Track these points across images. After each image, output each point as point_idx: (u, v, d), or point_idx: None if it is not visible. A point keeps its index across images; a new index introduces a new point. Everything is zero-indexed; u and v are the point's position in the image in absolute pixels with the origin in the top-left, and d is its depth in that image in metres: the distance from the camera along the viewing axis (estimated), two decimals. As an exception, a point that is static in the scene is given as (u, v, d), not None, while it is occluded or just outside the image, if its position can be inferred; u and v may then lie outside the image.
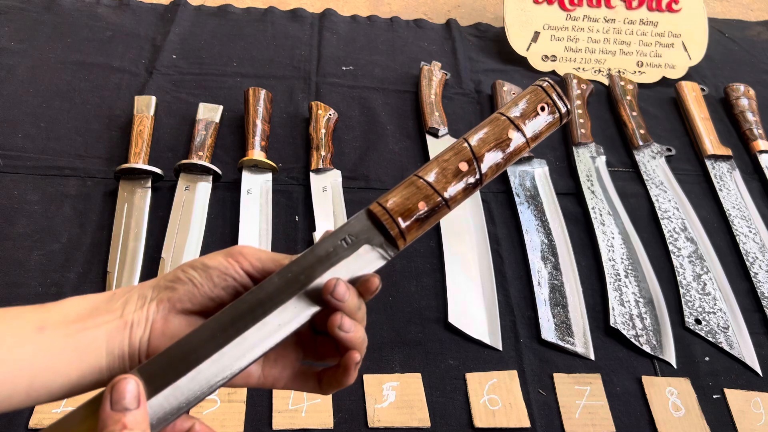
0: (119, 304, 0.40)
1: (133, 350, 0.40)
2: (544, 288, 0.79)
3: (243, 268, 0.42)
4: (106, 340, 0.39)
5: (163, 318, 0.40)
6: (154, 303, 0.40)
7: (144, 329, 0.40)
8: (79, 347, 0.38)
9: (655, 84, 1.16)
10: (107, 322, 0.39)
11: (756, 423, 0.69)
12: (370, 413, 0.65)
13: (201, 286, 0.41)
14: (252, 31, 1.17)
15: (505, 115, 0.43)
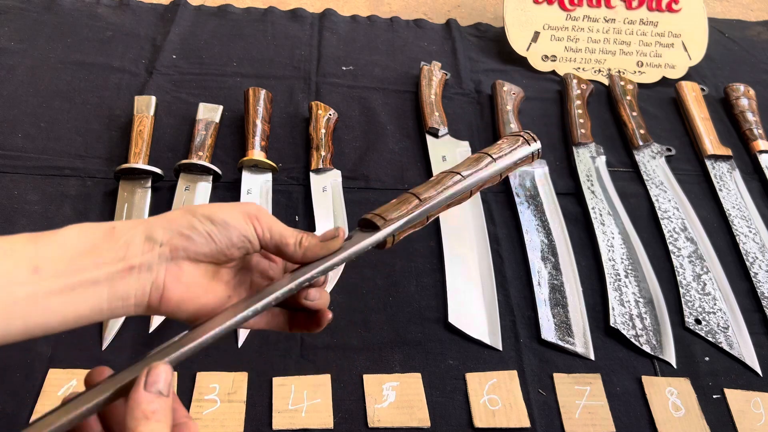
0: (122, 243, 0.38)
1: (142, 294, 0.39)
2: (544, 288, 0.79)
3: (257, 233, 0.42)
4: (108, 285, 0.38)
5: (176, 266, 0.40)
6: (166, 249, 0.39)
7: (155, 274, 0.39)
8: (77, 291, 0.37)
9: (655, 84, 1.16)
10: (108, 264, 0.38)
11: (756, 423, 0.69)
12: (370, 413, 0.65)
13: (219, 242, 0.41)
14: (252, 31, 1.17)
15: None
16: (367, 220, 0.49)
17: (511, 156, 0.57)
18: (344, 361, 0.70)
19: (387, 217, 0.49)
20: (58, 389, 0.64)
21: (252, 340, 0.71)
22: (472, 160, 0.57)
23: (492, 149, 0.57)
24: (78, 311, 0.37)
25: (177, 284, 0.40)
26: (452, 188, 0.53)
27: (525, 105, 1.07)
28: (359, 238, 0.48)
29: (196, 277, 0.41)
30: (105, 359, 0.68)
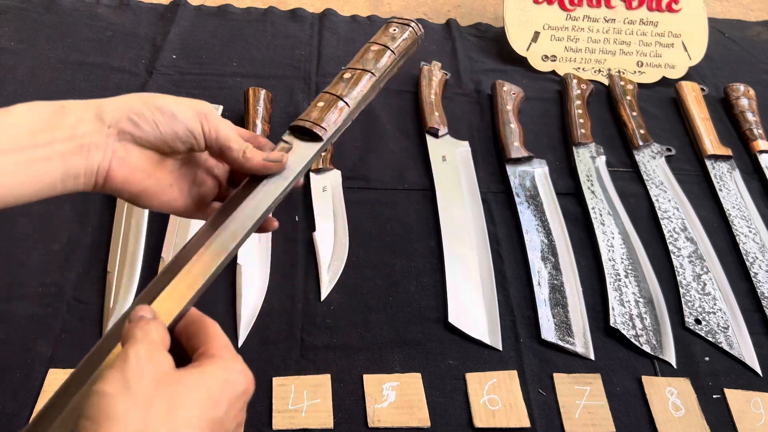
0: (72, 121, 0.40)
1: (90, 172, 0.41)
2: (544, 288, 0.79)
3: (204, 132, 0.44)
4: (61, 162, 0.40)
5: (123, 148, 0.42)
6: (114, 131, 0.41)
7: (103, 155, 0.41)
8: (33, 168, 0.39)
9: (655, 84, 1.16)
10: (60, 142, 0.40)
11: (756, 423, 0.69)
12: (370, 413, 0.65)
13: (164, 133, 0.42)
14: (252, 31, 1.17)
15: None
16: (303, 128, 0.49)
17: (404, 45, 0.59)
18: (344, 361, 0.70)
19: (324, 123, 0.49)
20: (58, 389, 0.64)
21: (252, 340, 0.71)
22: (374, 54, 0.57)
23: (387, 41, 0.59)
24: (34, 187, 0.40)
25: (122, 166, 0.42)
26: (368, 86, 0.55)
27: (525, 105, 1.07)
28: (305, 150, 0.49)
29: (141, 161, 0.43)
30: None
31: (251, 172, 0.47)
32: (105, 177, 0.42)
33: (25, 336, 0.69)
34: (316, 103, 0.52)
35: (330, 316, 0.74)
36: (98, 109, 0.41)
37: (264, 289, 0.76)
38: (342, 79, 0.54)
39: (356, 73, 0.54)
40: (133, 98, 0.42)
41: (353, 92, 0.53)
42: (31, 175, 0.39)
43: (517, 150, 0.95)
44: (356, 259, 0.81)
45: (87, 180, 0.41)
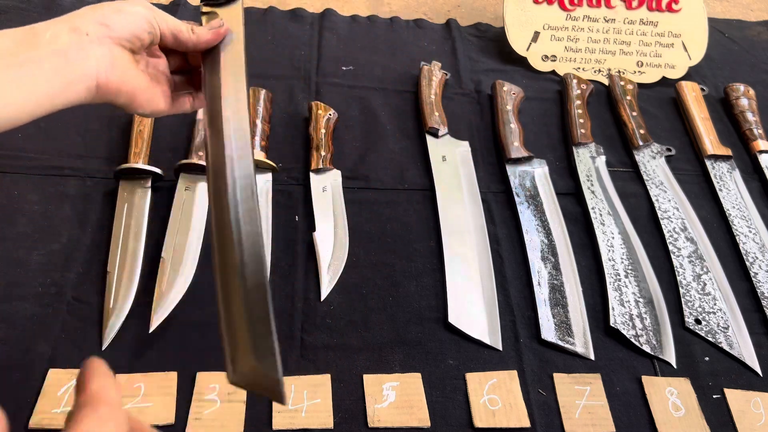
0: (48, 37, 0.42)
1: (88, 77, 0.44)
2: (544, 288, 0.79)
3: (158, 21, 0.49)
4: (53, 74, 0.42)
5: (108, 51, 0.45)
6: (94, 38, 0.44)
7: (95, 61, 0.44)
8: (25, 84, 0.41)
9: (655, 84, 1.16)
10: (47, 56, 0.41)
11: (756, 423, 0.69)
12: (370, 413, 0.65)
13: (133, 28, 0.47)
14: (252, 31, 1.16)
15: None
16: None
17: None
18: (344, 361, 0.70)
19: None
20: (58, 389, 0.64)
21: (252, 340, 0.71)
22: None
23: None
24: (32, 100, 0.41)
25: (113, 67, 0.45)
26: None
27: (525, 105, 1.07)
28: (231, 11, 0.55)
29: (125, 61, 0.46)
30: (105, 359, 0.67)
31: (204, 45, 0.52)
32: (103, 81, 0.44)
33: (25, 336, 0.69)
34: None
35: (330, 316, 0.74)
36: (69, 22, 0.44)
37: (264, 289, 0.76)
38: None
39: None
40: (93, 8, 0.46)
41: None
42: (25, 89, 0.40)
43: (517, 150, 0.95)
44: (356, 259, 0.81)
45: (88, 86, 0.43)
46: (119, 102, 0.47)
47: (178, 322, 0.72)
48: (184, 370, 0.67)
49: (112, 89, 0.45)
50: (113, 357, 0.68)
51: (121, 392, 0.39)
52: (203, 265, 0.77)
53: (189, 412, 0.64)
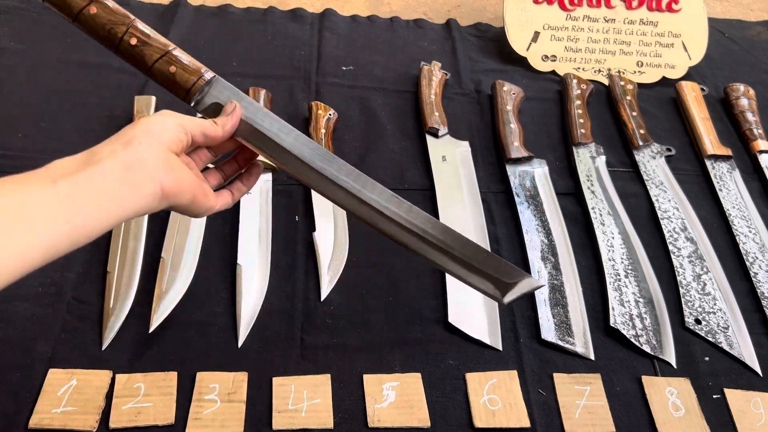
0: (106, 153, 0.45)
1: (151, 181, 0.46)
2: (544, 288, 0.79)
3: (187, 127, 0.51)
4: (119, 179, 0.44)
5: (161, 152, 0.47)
6: (144, 141, 0.47)
7: (151, 163, 0.46)
8: (94, 189, 0.42)
9: (655, 84, 1.16)
10: (111, 170, 0.44)
11: (756, 423, 0.69)
12: (370, 413, 0.65)
13: (174, 130, 0.50)
14: (252, 31, 1.17)
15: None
16: (199, 87, 0.56)
17: None
18: (344, 361, 0.70)
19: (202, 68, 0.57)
20: (58, 389, 0.64)
21: (252, 340, 0.71)
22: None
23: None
24: (102, 205, 0.42)
25: (171, 170, 0.47)
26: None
27: (525, 105, 1.07)
28: (224, 87, 0.57)
29: (177, 162, 0.48)
30: (105, 359, 0.68)
31: (231, 130, 0.55)
32: (166, 183, 0.47)
33: (25, 336, 0.69)
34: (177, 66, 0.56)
35: (330, 316, 0.74)
36: (120, 138, 0.46)
37: (264, 289, 0.76)
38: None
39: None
40: (132, 125, 0.48)
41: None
42: (96, 202, 0.42)
43: (517, 150, 0.95)
44: (356, 259, 0.81)
45: (153, 190, 0.46)
46: (183, 202, 0.49)
47: (178, 322, 0.72)
48: (184, 370, 0.67)
49: (175, 190, 0.47)
50: (113, 357, 0.68)
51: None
52: (203, 265, 0.77)
53: (189, 412, 0.64)
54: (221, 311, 0.73)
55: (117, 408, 0.63)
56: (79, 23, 0.52)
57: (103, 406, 0.63)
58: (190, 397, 0.65)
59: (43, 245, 0.38)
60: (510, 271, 0.58)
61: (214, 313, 0.73)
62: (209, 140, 0.53)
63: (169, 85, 0.54)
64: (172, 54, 0.54)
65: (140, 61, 0.53)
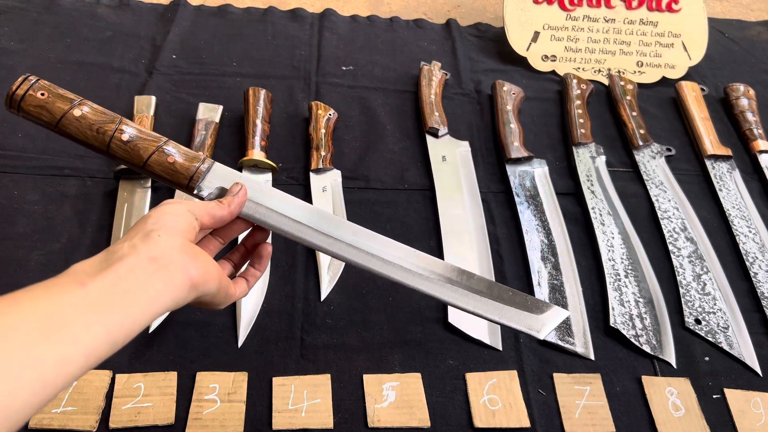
0: (126, 249, 0.43)
1: (181, 272, 0.44)
2: (544, 288, 0.79)
3: (197, 212, 0.50)
4: (146, 278, 0.42)
5: (181, 241, 0.46)
6: (162, 233, 0.45)
7: (175, 255, 0.44)
8: (129, 290, 0.40)
9: (655, 84, 1.16)
10: (138, 265, 0.42)
11: (756, 423, 0.69)
12: (370, 413, 0.65)
13: (184, 219, 0.48)
14: (252, 31, 1.17)
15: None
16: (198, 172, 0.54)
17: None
18: (344, 361, 0.70)
19: (200, 154, 0.55)
20: (58, 389, 0.64)
21: (252, 340, 0.71)
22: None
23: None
24: (134, 302, 0.40)
25: (196, 259, 0.45)
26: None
27: (525, 105, 1.07)
28: (223, 171, 0.55)
29: (198, 251, 0.47)
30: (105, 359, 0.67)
31: (237, 209, 0.53)
32: (194, 273, 0.45)
33: (25, 336, 0.69)
34: (174, 156, 0.54)
35: (330, 316, 0.74)
36: (137, 233, 0.45)
37: (264, 289, 0.76)
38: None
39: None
40: (143, 219, 0.47)
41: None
42: (127, 300, 0.41)
43: (517, 150, 0.95)
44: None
45: (182, 281, 0.44)
46: (211, 290, 0.47)
47: (178, 322, 0.72)
48: (184, 370, 0.67)
49: (202, 279, 0.45)
50: (113, 357, 0.67)
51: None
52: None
53: (189, 412, 0.64)
54: (221, 311, 0.73)
55: (117, 408, 0.63)
56: (62, 127, 0.50)
57: (103, 406, 0.64)
58: (190, 397, 0.65)
59: (83, 353, 0.36)
60: (538, 305, 0.57)
61: (214, 313, 0.73)
62: (216, 221, 0.52)
63: (169, 175, 0.52)
64: (168, 144, 0.53)
65: (135, 155, 0.51)
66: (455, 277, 0.56)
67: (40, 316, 0.35)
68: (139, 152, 0.52)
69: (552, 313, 0.56)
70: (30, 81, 0.50)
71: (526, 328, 0.56)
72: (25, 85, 0.50)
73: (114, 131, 0.51)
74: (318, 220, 0.56)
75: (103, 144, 0.51)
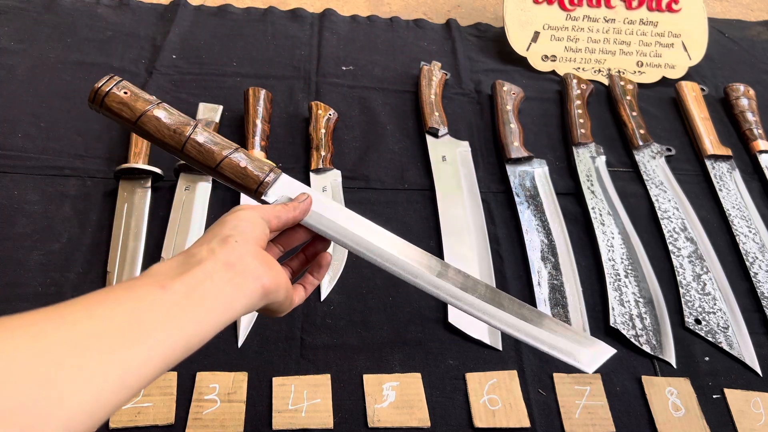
0: (205, 253, 0.44)
1: (252, 277, 0.45)
2: (544, 288, 0.79)
3: (268, 215, 0.51)
4: (222, 281, 0.43)
5: (253, 248, 0.47)
6: (238, 239, 0.46)
7: (249, 260, 0.45)
8: (204, 297, 0.41)
9: (655, 84, 1.16)
10: (215, 270, 0.43)
11: (756, 423, 0.69)
12: (370, 413, 0.65)
13: (255, 224, 0.49)
14: (252, 31, 1.17)
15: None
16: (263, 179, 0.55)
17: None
18: (344, 361, 0.70)
19: (266, 164, 0.56)
20: (58, 389, 0.64)
21: (252, 340, 0.71)
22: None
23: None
24: (212, 308, 0.41)
25: (267, 265, 0.46)
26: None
27: (525, 105, 1.07)
28: (288, 182, 0.56)
29: (269, 257, 0.48)
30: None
31: (302, 216, 0.54)
32: (267, 280, 0.45)
33: (25, 336, 0.69)
34: (245, 161, 0.55)
35: (330, 316, 0.74)
36: (214, 236, 0.46)
37: (264, 289, 0.76)
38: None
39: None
40: (221, 223, 0.48)
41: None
42: (205, 305, 0.41)
43: (517, 150, 0.95)
44: (356, 259, 0.81)
45: (255, 287, 0.45)
46: (279, 298, 0.48)
47: (178, 322, 0.71)
48: (184, 370, 0.67)
49: (274, 287, 0.46)
50: (113, 357, 0.68)
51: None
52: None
53: (189, 412, 0.64)
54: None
55: (117, 408, 0.63)
56: (141, 125, 0.53)
57: (103, 406, 0.63)
58: (190, 397, 0.65)
59: (161, 356, 0.37)
60: (586, 341, 0.56)
61: (214, 313, 0.73)
62: (282, 223, 0.52)
63: (240, 179, 0.54)
64: (239, 151, 0.55)
65: (208, 157, 0.54)
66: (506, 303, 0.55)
67: (123, 319, 0.36)
68: (213, 155, 0.54)
69: (599, 349, 0.56)
70: (114, 80, 0.53)
71: (574, 360, 0.54)
72: (110, 83, 0.53)
73: (190, 133, 0.53)
74: (378, 238, 0.57)
75: (179, 144, 0.53)
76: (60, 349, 0.33)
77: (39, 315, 0.34)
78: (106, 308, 0.37)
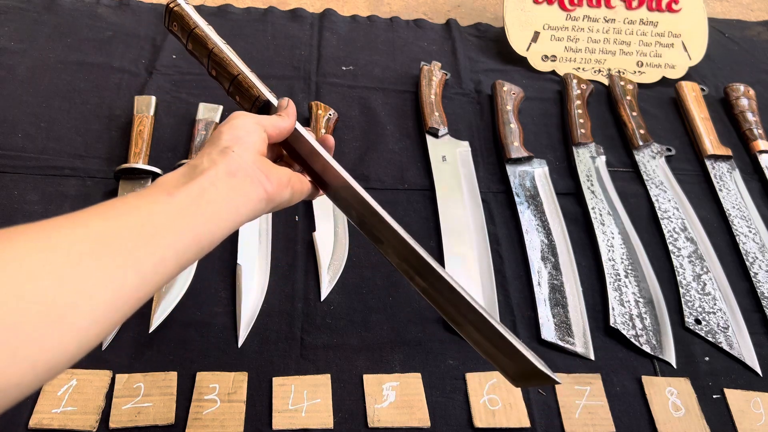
0: (206, 164, 0.46)
1: (258, 181, 0.47)
2: (544, 288, 0.79)
3: (264, 122, 0.53)
4: (229, 183, 0.45)
5: (256, 155, 0.49)
6: (238, 148, 0.48)
7: (253, 168, 0.48)
8: (212, 199, 0.43)
9: (655, 84, 1.16)
10: (219, 179, 0.45)
11: (756, 423, 0.69)
12: (370, 413, 0.65)
13: (254, 133, 0.51)
14: (252, 31, 1.17)
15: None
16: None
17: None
18: (344, 361, 0.70)
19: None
20: (58, 389, 0.64)
21: (252, 340, 0.71)
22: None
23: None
24: (218, 213, 0.44)
25: (269, 172, 0.48)
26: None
27: (525, 105, 1.07)
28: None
29: (270, 163, 0.50)
30: (105, 359, 0.68)
31: (294, 120, 0.58)
32: (269, 186, 0.48)
33: (25, 336, 0.69)
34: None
35: (330, 316, 0.75)
36: (213, 148, 0.47)
37: (264, 289, 0.76)
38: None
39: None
40: (218, 134, 0.49)
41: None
42: (212, 210, 0.44)
43: (517, 150, 0.95)
44: (356, 259, 0.81)
45: (259, 194, 0.47)
46: (285, 198, 0.50)
47: (178, 322, 0.72)
48: (184, 370, 0.67)
49: (277, 190, 0.49)
50: (113, 357, 0.68)
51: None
52: (203, 265, 0.77)
53: (189, 412, 0.64)
54: (221, 311, 0.73)
55: (117, 408, 0.63)
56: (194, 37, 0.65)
57: (103, 406, 0.64)
58: (190, 397, 0.65)
59: (174, 255, 0.40)
60: (520, 361, 0.49)
61: (214, 313, 0.73)
62: (280, 133, 0.55)
63: (244, 90, 0.65)
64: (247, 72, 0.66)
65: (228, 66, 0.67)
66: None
67: (136, 221, 0.39)
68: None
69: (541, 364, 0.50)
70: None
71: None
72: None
73: (214, 47, 0.69)
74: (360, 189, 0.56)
75: (207, 49, 0.67)
76: (79, 248, 0.35)
77: (51, 221, 0.36)
78: (118, 212, 0.39)
